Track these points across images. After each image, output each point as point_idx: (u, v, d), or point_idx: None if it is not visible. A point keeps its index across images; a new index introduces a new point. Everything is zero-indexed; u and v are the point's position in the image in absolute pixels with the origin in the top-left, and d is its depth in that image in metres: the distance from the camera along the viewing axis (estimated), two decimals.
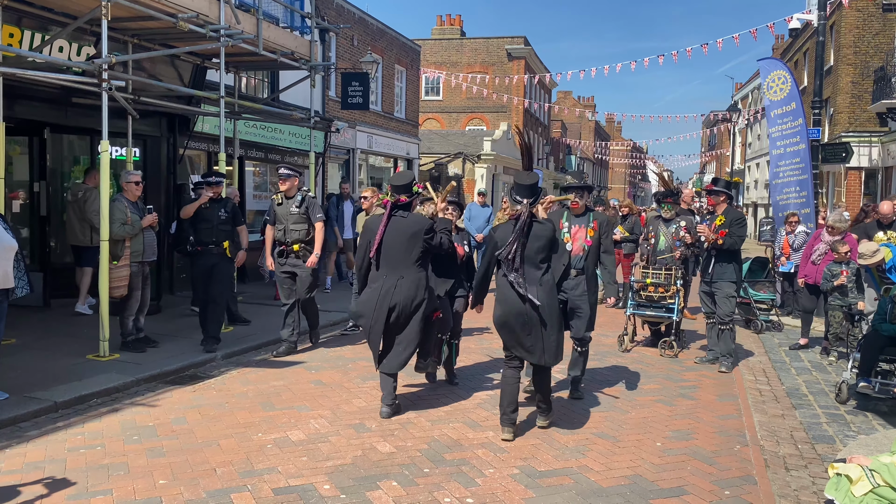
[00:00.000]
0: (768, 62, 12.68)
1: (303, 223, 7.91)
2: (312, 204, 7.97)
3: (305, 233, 7.93)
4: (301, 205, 7.88)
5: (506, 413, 5.49)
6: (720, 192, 8.08)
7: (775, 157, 12.22)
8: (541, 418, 5.76)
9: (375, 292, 5.89)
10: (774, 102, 12.16)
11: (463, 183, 29.99)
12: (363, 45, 19.46)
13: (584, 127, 62.47)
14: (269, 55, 9.86)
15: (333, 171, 18.66)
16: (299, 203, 7.88)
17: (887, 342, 6.41)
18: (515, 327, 5.37)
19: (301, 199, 7.90)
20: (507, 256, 5.32)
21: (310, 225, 7.94)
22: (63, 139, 10.67)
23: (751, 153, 42.77)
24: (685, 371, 7.89)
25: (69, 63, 8.08)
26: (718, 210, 8.00)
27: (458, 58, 37.81)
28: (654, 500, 4.46)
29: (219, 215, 8.03)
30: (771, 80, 12.15)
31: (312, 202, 7.98)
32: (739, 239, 7.76)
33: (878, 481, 4.27)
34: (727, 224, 7.76)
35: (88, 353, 7.33)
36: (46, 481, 4.52)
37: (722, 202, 8.02)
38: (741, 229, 7.81)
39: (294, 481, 4.59)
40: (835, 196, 25.42)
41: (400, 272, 5.86)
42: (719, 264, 7.81)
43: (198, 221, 7.97)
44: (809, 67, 28.44)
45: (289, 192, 7.92)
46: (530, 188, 5.48)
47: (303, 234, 7.92)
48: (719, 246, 7.72)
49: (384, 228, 5.88)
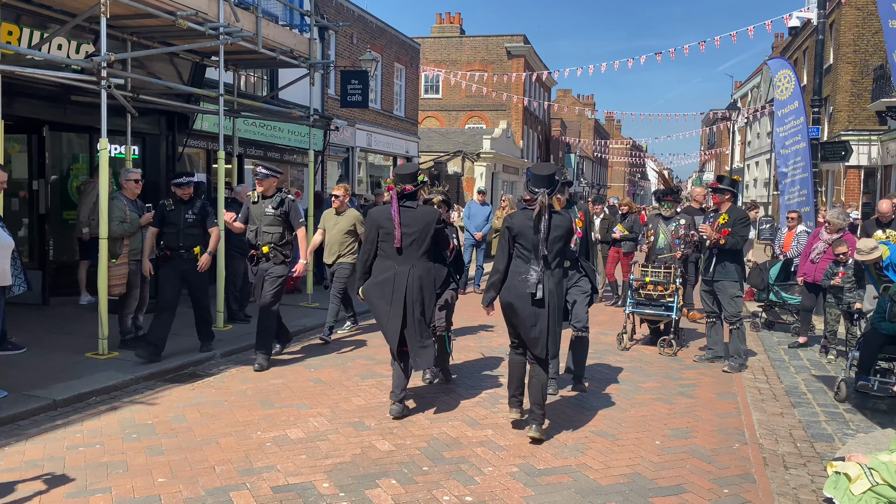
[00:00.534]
0: (776, 61, 12.78)
1: (277, 226, 7.37)
2: (293, 207, 7.42)
3: (279, 236, 7.38)
4: (279, 207, 7.35)
5: (514, 395, 5.67)
6: (725, 191, 8.00)
7: (783, 157, 12.27)
8: (533, 428, 5.35)
9: (389, 282, 5.81)
10: (781, 101, 12.23)
11: (462, 181, 30.00)
12: (362, 43, 19.45)
13: (583, 125, 62.46)
14: (269, 53, 9.86)
15: (333, 170, 18.65)
16: (277, 205, 7.34)
17: (886, 340, 6.42)
18: (523, 316, 5.34)
19: (280, 200, 7.37)
20: (531, 243, 5.30)
21: (286, 228, 7.41)
22: (62, 137, 10.67)
23: (750, 151, 42.78)
24: (684, 369, 7.89)
25: (68, 61, 8.07)
26: (722, 208, 7.91)
27: (457, 56, 37.79)
28: (653, 499, 4.47)
29: (185, 218, 7.44)
30: (778, 79, 12.22)
31: (293, 206, 7.43)
32: (742, 239, 7.70)
33: (876, 479, 4.28)
34: (730, 223, 7.69)
35: (87, 352, 7.32)
36: (45, 479, 4.52)
37: (727, 200, 7.95)
38: (744, 229, 7.75)
39: (293, 479, 4.59)
40: (834, 195, 25.42)
41: (411, 262, 5.82)
42: (721, 264, 7.73)
43: (164, 225, 7.47)
44: (809, 66, 28.43)
45: (266, 192, 7.42)
46: (548, 178, 5.45)
47: (276, 238, 7.36)
48: (721, 245, 7.67)
49: (399, 217, 5.81)
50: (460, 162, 30.66)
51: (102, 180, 7.38)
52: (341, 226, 8.88)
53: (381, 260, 5.91)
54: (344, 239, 8.86)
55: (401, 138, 22.59)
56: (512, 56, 37.05)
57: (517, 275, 5.37)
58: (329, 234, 8.94)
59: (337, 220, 8.93)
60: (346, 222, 8.90)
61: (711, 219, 7.99)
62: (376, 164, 21.95)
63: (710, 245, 7.79)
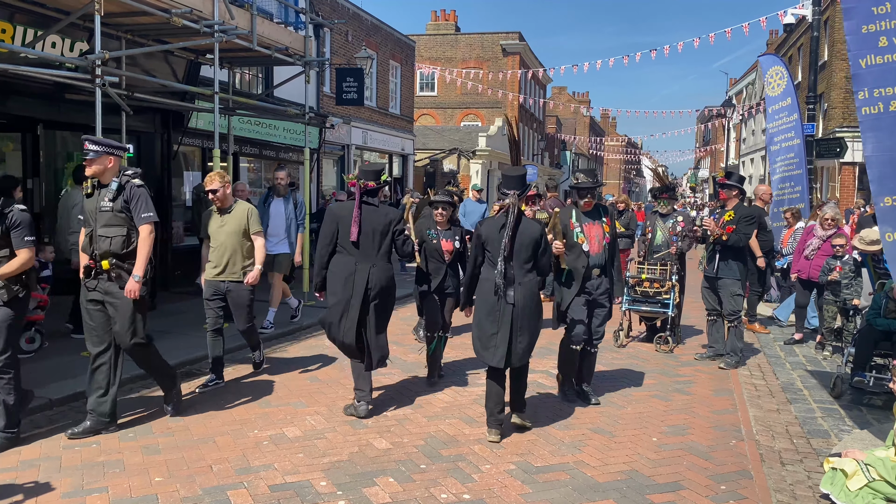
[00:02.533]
0: (767, 58, 12.81)
1: (119, 226, 5.19)
2: (137, 195, 5.23)
3: (121, 242, 5.18)
4: (117, 197, 5.18)
5: (493, 414, 5.43)
6: (733, 187, 7.91)
7: (773, 154, 12.29)
8: (516, 415, 5.58)
9: (351, 275, 5.69)
10: (772, 98, 12.24)
11: (458, 178, 29.96)
12: (357, 40, 19.42)
13: (578, 122, 62.52)
14: (264, 51, 9.83)
15: (328, 168, 18.63)
16: (114, 194, 5.17)
17: (881, 336, 6.44)
18: (483, 321, 5.35)
19: (117, 187, 5.19)
20: (497, 248, 5.28)
21: (130, 229, 5.22)
22: (56, 135, 10.62)
23: (745, 148, 42.83)
24: (681, 366, 7.90)
25: (62, 59, 8.02)
26: (729, 205, 7.82)
27: (452, 53, 37.76)
28: (650, 495, 4.47)
29: None
30: (769, 75, 12.23)
31: (137, 192, 5.23)
32: (745, 237, 7.66)
33: (873, 475, 4.30)
34: (736, 220, 7.64)
35: (83, 350, 7.29)
36: (42, 479, 4.50)
37: (734, 196, 7.86)
38: (749, 227, 7.71)
39: (290, 478, 4.59)
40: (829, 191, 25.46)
41: (371, 261, 5.74)
42: (724, 261, 7.67)
43: None
44: (804, 62, 28.47)
45: (102, 179, 5.25)
46: (518, 179, 5.45)
47: (117, 245, 5.17)
48: (724, 242, 7.62)
49: (360, 213, 5.74)
50: (456, 159, 30.65)
51: None
52: (229, 227, 6.49)
53: (340, 256, 5.78)
54: (237, 245, 6.48)
55: (396, 136, 22.57)
56: (507, 53, 37.02)
57: (486, 281, 5.39)
58: (214, 239, 6.52)
59: (222, 220, 6.52)
60: (235, 223, 6.50)
61: (717, 215, 7.96)
62: (372, 162, 21.93)
63: (713, 241, 7.76)
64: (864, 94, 6.27)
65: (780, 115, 12.08)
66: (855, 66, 6.23)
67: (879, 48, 6.37)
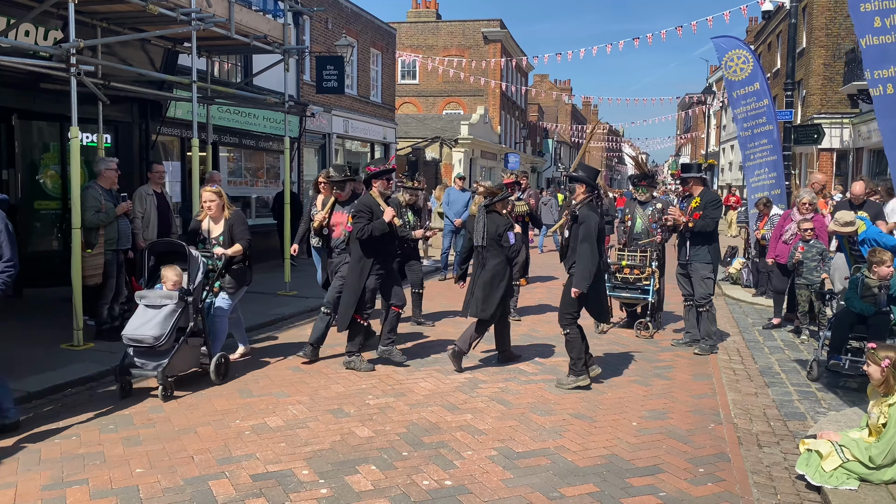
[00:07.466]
0: (724, 40, 11.96)
1: None
2: None
3: None
4: None
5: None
6: (690, 178, 8.15)
7: (743, 140, 12.10)
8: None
9: None
10: (736, 83, 11.89)
11: (441, 167, 29.94)
12: (338, 28, 19.27)
13: (560, 110, 62.51)
14: (242, 39, 9.73)
15: (310, 157, 18.52)
16: None
17: (857, 320, 6.52)
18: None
19: None
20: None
21: None
22: (32, 126, 10.46)
23: (725, 135, 43.10)
24: (661, 352, 7.98)
25: (36, 48, 7.91)
26: (694, 192, 8.01)
27: (434, 41, 37.62)
28: (630, 479, 4.53)
29: None
30: (729, 59, 11.84)
31: None
32: (712, 221, 7.80)
33: (847, 456, 4.38)
34: (702, 205, 7.79)
35: (62, 343, 7.24)
36: (20, 472, 4.47)
37: (697, 184, 8.06)
38: (715, 211, 7.86)
39: (272, 467, 4.59)
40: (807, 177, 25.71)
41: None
42: (693, 247, 7.85)
43: None
44: (782, 49, 28.63)
45: None
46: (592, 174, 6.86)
47: None
48: (690, 228, 7.79)
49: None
50: (438, 148, 30.59)
51: (73, 169, 7.26)
52: None
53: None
54: None
55: (378, 124, 22.46)
56: (489, 41, 36.95)
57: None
58: None
59: None
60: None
61: (685, 204, 8.08)
62: (353, 151, 21.81)
63: (681, 229, 7.89)
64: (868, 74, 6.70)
65: (747, 101, 11.78)
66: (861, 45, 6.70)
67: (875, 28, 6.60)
